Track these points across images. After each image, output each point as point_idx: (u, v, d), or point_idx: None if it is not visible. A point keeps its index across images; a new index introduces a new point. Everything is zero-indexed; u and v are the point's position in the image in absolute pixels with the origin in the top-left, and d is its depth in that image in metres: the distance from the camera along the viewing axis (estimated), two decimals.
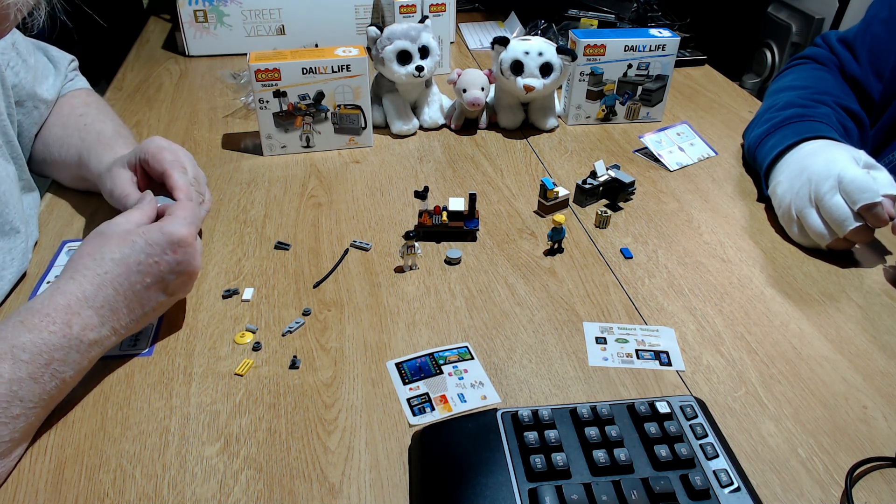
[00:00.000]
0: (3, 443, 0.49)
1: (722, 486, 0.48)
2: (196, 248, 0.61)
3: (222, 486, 0.50)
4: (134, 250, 0.57)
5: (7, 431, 0.49)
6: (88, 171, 0.79)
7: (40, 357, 0.51)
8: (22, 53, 0.80)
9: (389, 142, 1.02)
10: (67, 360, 0.52)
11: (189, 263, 0.60)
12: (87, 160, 0.79)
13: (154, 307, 0.59)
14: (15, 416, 0.49)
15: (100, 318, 0.54)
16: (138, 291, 0.57)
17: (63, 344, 0.52)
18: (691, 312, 0.69)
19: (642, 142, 0.98)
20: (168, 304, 0.62)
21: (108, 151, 0.78)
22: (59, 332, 0.52)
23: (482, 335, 0.65)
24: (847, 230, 0.72)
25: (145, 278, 0.57)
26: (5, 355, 0.49)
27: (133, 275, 0.56)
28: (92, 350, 0.54)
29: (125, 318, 0.57)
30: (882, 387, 0.60)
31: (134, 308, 0.57)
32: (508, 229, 0.81)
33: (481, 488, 0.48)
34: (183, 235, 0.59)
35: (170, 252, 0.58)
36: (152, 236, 0.58)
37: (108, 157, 0.77)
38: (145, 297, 0.58)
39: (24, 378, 0.50)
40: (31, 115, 0.82)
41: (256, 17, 1.30)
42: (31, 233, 0.74)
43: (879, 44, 0.95)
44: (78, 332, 0.53)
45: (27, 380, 0.50)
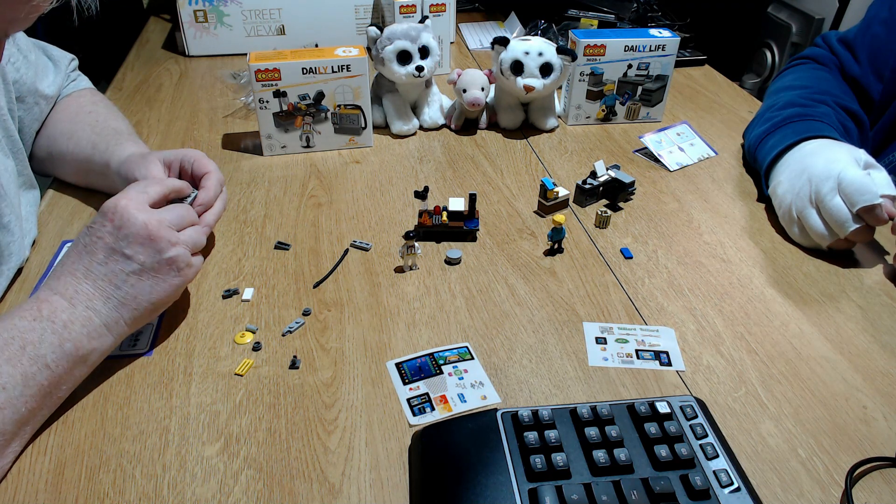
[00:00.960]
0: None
1: (722, 486, 0.48)
2: (132, 208, 0.57)
3: (222, 486, 0.50)
4: (79, 237, 0.57)
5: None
6: (103, 160, 0.79)
7: (14, 341, 0.50)
8: (23, 49, 0.80)
9: (389, 142, 1.02)
10: (43, 341, 0.51)
11: (130, 224, 0.56)
12: (104, 149, 0.79)
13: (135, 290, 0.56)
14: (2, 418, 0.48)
15: (68, 300, 0.54)
16: (97, 270, 0.55)
17: (34, 326, 0.52)
18: (691, 312, 0.69)
19: (642, 142, 0.98)
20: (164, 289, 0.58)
21: (129, 145, 0.80)
22: (28, 316, 0.52)
23: (482, 335, 0.65)
24: (848, 231, 0.72)
25: (97, 254, 0.56)
26: None
27: (84, 256, 0.56)
28: (69, 330, 0.53)
29: (98, 300, 0.55)
30: (882, 387, 0.60)
31: (104, 288, 0.55)
32: (508, 229, 0.81)
33: (481, 488, 0.48)
34: (111, 203, 0.57)
35: (107, 223, 0.56)
36: (96, 216, 0.58)
37: (128, 149, 0.78)
38: (110, 274, 0.56)
39: (2, 363, 0.49)
40: (31, 111, 0.82)
41: (256, 17, 1.30)
42: (29, 229, 0.74)
43: (879, 44, 0.95)
44: (48, 314, 0.53)
45: (4, 365, 0.49)
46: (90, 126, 0.84)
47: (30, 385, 0.50)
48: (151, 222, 0.57)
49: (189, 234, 0.61)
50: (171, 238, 0.58)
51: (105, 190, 0.84)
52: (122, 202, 0.57)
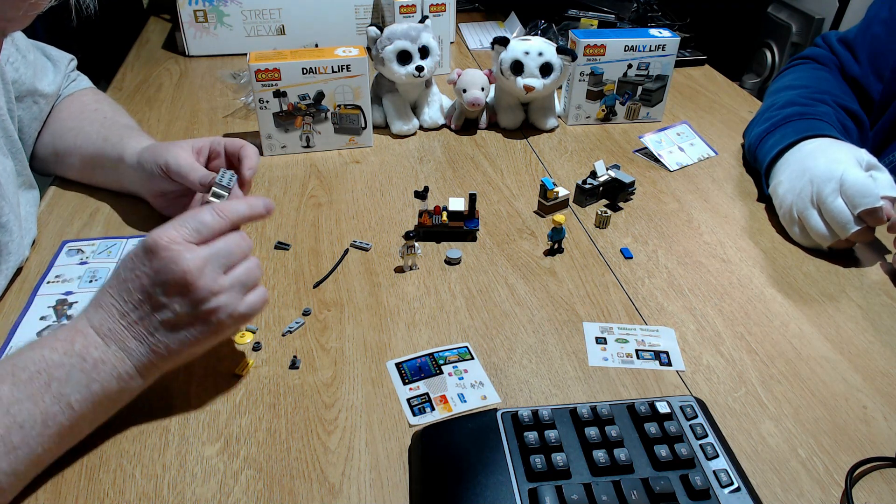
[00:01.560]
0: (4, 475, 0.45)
1: (722, 486, 0.48)
2: (173, 251, 0.50)
3: (222, 486, 0.50)
4: (122, 264, 0.52)
5: (7, 463, 0.45)
6: (115, 153, 0.79)
7: (40, 376, 0.47)
8: (21, 50, 0.80)
9: (389, 142, 1.02)
10: (70, 379, 0.47)
11: (168, 270, 0.50)
12: (115, 145, 0.80)
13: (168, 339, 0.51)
14: (15, 446, 0.45)
15: (102, 338, 0.50)
16: (133, 313, 0.50)
17: (64, 361, 0.48)
18: (691, 312, 0.69)
19: (642, 142, 0.98)
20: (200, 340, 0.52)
21: (141, 139, 0.80)
22: (60, 348, 0.48)
23: (482, 335, 0.65)
24: (849, 233, 0.72)
25: (135, 294, 0.50)
26: (6, 376, 0.46)
27: (123, 291, 0.51)
28: (99, 371, 0.49)
29: (132, 342, 0.50)
30: (882, 387, 0.60)
31: (138, 331, 0.50)
32: (508, 229, 0.81)
33: (481, 488, 0.48)
34: (153, 241, 0.50)
35: (146, 261, 0.50)
36: (136, 248, 0.52)
37: (142, 142, 0.79)
38: (144, 318, 0.51)
39: (23, 399, 0.46)
40: (30, 111, 0.82)
41: (256, 17, 1.30)
42: (28, 229, 0.74)
43: (879, 44, 0.95)
44: (80, 349, 0.49)
45: (26, 401, 0.46)
46: (98, 122, 0.84)
47: (49, 425, 0.47)
48: (191, 271, 0.50)
49: (238, 275, 0.53)
50: (213, 287, 0.51)
51: (113, 185, 0.84)
52: (164, 241, 0.50)
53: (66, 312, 0.66)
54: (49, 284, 0.70)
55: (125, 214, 0.82)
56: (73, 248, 0.75)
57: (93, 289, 0.69)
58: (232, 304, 0.52)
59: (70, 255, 0.74)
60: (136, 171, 0.77)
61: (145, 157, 0.76)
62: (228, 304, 0.52)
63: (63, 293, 0.69)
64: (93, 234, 0.78)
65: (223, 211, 0.54)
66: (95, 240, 0.77)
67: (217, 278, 0.52)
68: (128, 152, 0.78)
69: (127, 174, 0.79)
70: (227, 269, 0.53)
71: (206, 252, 0.52)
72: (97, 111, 0.87)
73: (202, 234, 0.52)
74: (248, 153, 0.74)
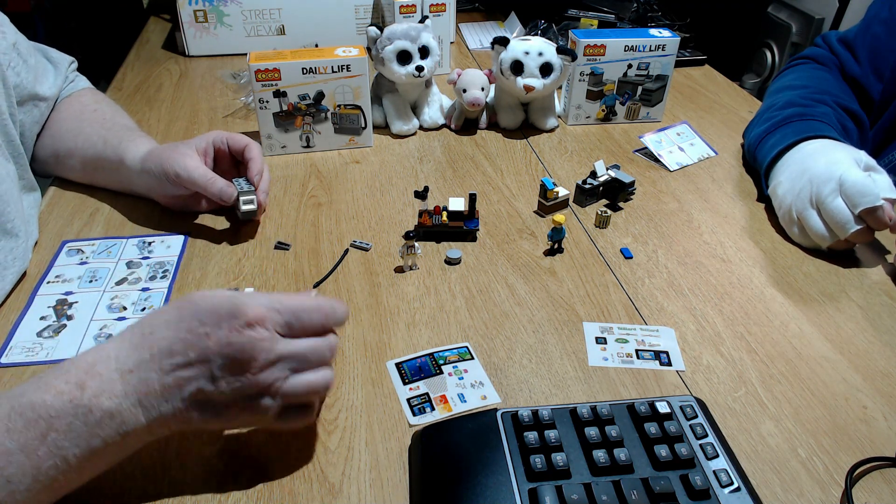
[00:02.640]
0: None
1: (722, 486, 0.48)
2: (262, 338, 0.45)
3: (222, 486, 0.50)
4: (190, 312, 0.46)
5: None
6: (116, 155, 0.79)
7: (38, 424, 0.42)
8: (23, 54, 0.80)
9: (389, 142, 1.02)
10: (70, 431, 0.42)
11: (240, 348, 0.45)
12: (116, 145, 0.80)
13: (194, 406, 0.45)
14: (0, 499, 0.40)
15: (123, 386, 0.44)
16: (177, 366, 0.45)
17: (67, 410, 0.42)
18: (691, 312, 0.69)
19: (642, 142, 0.98)
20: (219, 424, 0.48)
21: (142, 140, 0.80)
22: (67, 392, 0.43)
23: (482, 335, 0.65)
24: (848, 233, 0.72)
25: (188, 351, 0.45)
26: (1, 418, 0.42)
27: (177, 342, 0.45)
28: (104, 426, 0.43)
29: (156, 397, 0.44)
30: (882, 387, 0.60)
31: (169, 389, 0.45)
32: (508, 229, 0.81)
33: (481, 488, 0.48)
34: (242, 309, 0.45)
35: (224, 326, 0.45)
36: (219, 302, 0.46)
37: (142, 145, 0.79)
38: (184, 377, 0.45)
39: (15, 451, 0.41)
40: (31, 114, 0.82)
41: (256, 17, 1.30)
42: (31, 232, 0.74)
43: (879, 44, 0.95)
44: (89, 398, 0.43)
45: (18, 453, 0.41)
46: (98, 123, 0.84)
47: (39, 479, 0.42)
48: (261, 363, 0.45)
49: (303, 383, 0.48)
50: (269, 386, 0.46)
51: (115, 186, 0.84)
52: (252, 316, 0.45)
53: (66, 312, 0.66)
54: (49, 284, 0.70)
55: (125, 214, 0.82)
56: (73, 249, 0.76)
57: (93, 288, 0.69)
58: (270, 409, 0.47)
59: (70, 256, 0.74)
60: (141, 176, 0.77)
61: (150, 164, 0.76)
62: (267, 408, 0.47)
63: (63, 293, 0.69)
64: (93, 234, 0.78)
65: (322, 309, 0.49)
66: (95, 240, 0.77)
67: (277, 380, 0.46)
68: (129, 156, 0.78)
69: (130, 177, 0.80)
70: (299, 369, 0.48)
71: (285, 350, 0.47)
72: (96, 112, 0.87)
73: (293, 329, 0.48)
74: (253, 155, 0.77)
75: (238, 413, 0.47)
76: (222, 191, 0.74)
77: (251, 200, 0.76)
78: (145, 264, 0.73)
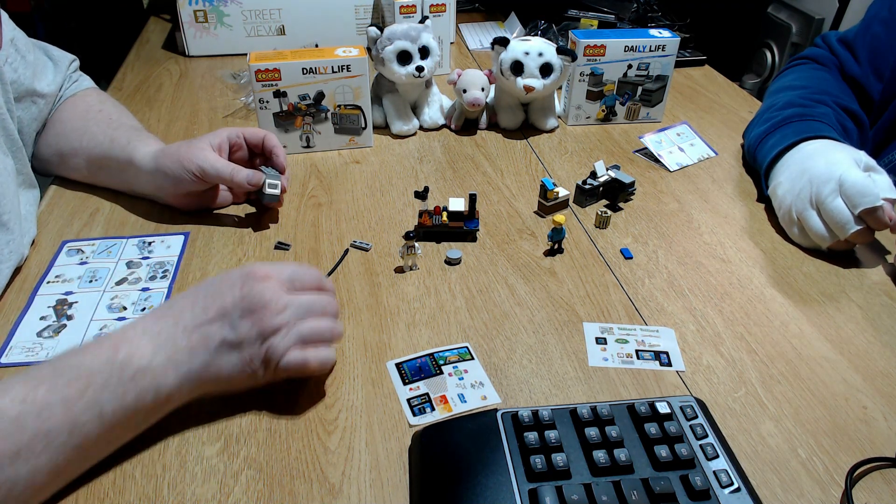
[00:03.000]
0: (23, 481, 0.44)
1: (722, 487, 0.48)
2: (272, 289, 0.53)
3: (222, 486, 0.50)
4: (206, 283, 0.54)
5: (26, 469, 0.44)
6: (124, 154, 0.79)
7: (78, 381, 0.46)
8: (21, 50, 0.80)
9: (389, 142, 1.02)
10: (106, 387, 0.47)
11: (254, 296, 0.52)
12: (124, 147, 0.80)
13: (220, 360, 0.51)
14: (37, 453, 0.44)
15: (153, 348, 0.49)
16: (200, 324, 0.51)
17: (104, 368, 0.47)
18: (691, 313, 0.69)
19: (642, 142, 0.98)
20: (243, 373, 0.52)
21: (151, 140, 0.81)
22: (103, 354, 0.48)
23: (482, 335, 0.65)
24: (848, 233, 0.72)
25: (208, 310, 0.52)
26: (45, 378, 0.46)
27: (197, 307, 0.52)
28: (137, 382, 0.48)
29: (184, 353, 0.50)
30: (882, 387, 0.60)
31: (195, 344, 0.51)
32: (508, 229, 0.81)
33: (481, 488, 0.48)
34: (251, 270, 0.54)
35: (238, 286, 0.53)
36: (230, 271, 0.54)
37: (152, 144, 0.79)
38: (208, 332, 0.51)
39: (55, 404, 0.45)
40: (29, 111, 0.82)
41: (256, 17, 1.30)
42: (27, 229, 0.74)
43: (879, 44, 0.95)
44: (123, 357, 0.48)
45: (58, 406, 0.45)
46: (105, 123, 0.84)
47: (75, 434, 0.46)
48: (272, 305, 0.52)
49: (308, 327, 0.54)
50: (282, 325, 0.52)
51: (120, 187, 0.84)
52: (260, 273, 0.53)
53: (66, 312, 0.66)
54: (49, 284, 0.70)
55: (125, 214, 0.82)
56: (73, 248, 0.76)
57: (93, 288, 0.69)
58: (286, 346, 0.52)
59: (70, 255, 0.74)
60: (153, 175, 0.77)
61: (167, 162, 0.76)
62: (284, 347, 0.52)
63: (63, 293, 0.69)
64: (93, 234, 0.78)
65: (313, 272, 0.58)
66: (95, 240, 0.77)
67: (289, 322, 0.53)
68: (138, 155, 0.78)
69: (138, 177, 0.79)
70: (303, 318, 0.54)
71: (291, 299, 0.54)
72: (101, 112, 0.87)
73: (294, 286, 0.55)
74: (274, 143, 0.80)
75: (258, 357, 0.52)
76: (250, 177, 0.76)
77: (276, 185, 0.79)
78: (145, 264, 0.73)
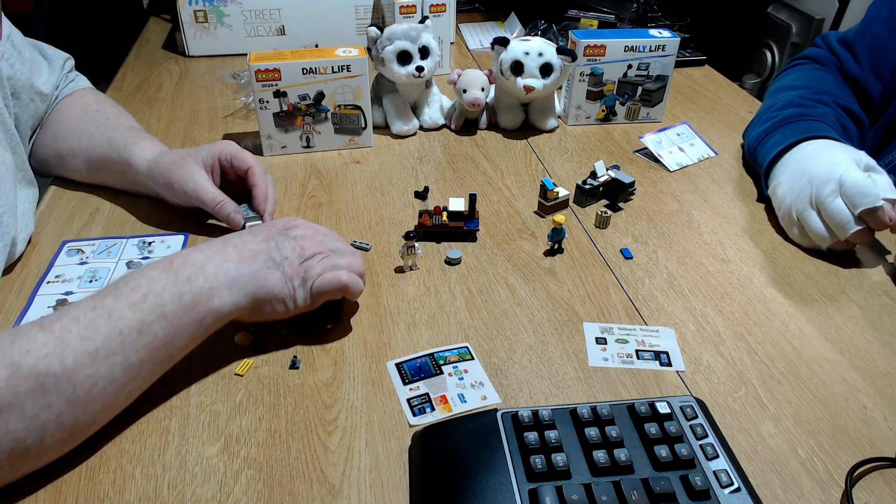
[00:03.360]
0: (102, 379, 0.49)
1: (722, 487, 0.48)
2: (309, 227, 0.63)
3: (222, 486, 0.50)
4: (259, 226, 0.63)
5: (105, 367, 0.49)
6: (121, 157, 0.79)
7: (140, 288, 0.52)
8: (17, 46, 0.80)
9: (389, 142, 1.02)
10: (165, 290, 0.53)
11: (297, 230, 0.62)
12: (122, 149, 0.80)
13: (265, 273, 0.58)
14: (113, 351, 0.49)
15: (204, 255, 0.56)
16: (248, 242, 0.59)
17: (161, 276, 0.53)
18: (691, 313, 0.69)
19: (642, 142, 0.98)
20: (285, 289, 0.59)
21: (148, 143, 0.80)
22: (159, 266, 0.54)
23: (482, 335, 0.65)
24: (848, 234, 0.72)
25: (256, 235, 0.60)
26: (111, 290, 0.52)
27: (244, 233, 0.61)
28: (191, 283, 0.54)
29: (233, 262, 0.57)
30: (882, 387, 0.60)
31: (245, 256, 0.58)
32: (508, 229, 0.81)
33: (481, 488, 0.48)
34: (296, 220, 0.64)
35: (281, 223, 0.63)
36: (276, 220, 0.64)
37: (148, 147, 0.79)
38: (256, 249, 0.59)
39: (124, 308, 0.50)
40: (27, 108, 0.82)
41: (256, 17, 1.30)
42: (25, 225, 0.74)
43: (879, 44, 0.95)
44: (178, 265, 0.55)
45: (126, 309, 0.50)
46: (103, 124, 0.84)
47: (145, 333, 0.51)
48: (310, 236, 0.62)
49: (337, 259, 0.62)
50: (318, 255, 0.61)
51: (121, 186, 0.84)
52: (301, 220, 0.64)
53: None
54: (49, 284, 0.70)
55: (125, 214, 0.82)
56: (73, 248, 0.76)
57: (93, 289, 0.69)
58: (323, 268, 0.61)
59: (70, 255, 0.74)
60: (148, 181, 0.78)
61: (158, 177, 0.76)
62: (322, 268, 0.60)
63: (63, 293, 0.69)
64: (93, 234, 0.78)
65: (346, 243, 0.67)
66: (95, 240, 0.77)
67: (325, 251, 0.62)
68: (135, 159, 0.78)
69: (137, 180, 0.80)
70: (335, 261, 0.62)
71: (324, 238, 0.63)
72: (99, 112, 0.86)
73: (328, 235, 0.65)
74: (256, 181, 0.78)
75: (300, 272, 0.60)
76: (230, 218, 0.76)
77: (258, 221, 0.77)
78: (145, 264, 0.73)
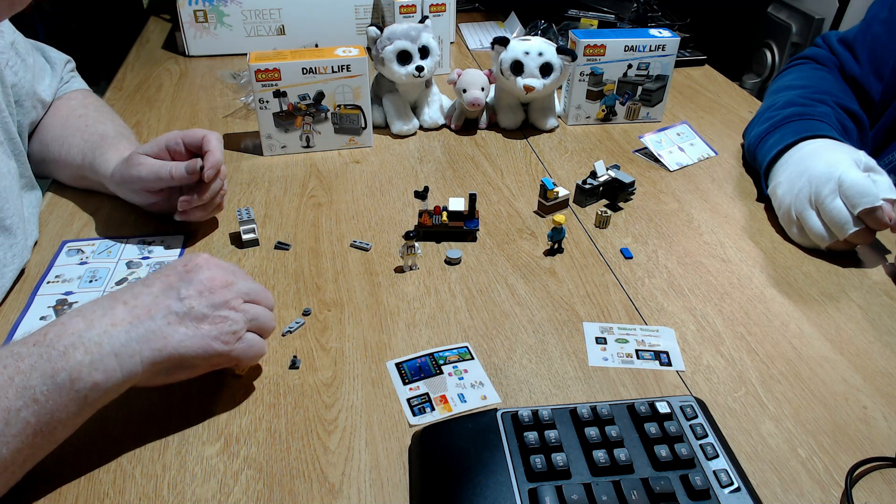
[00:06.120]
0: None
1: (722, 487, 0.48)
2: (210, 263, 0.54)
3: (222, 486, 0.50)
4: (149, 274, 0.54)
5: None
6: (93, 171, 0.79)
7: (6, 370, 0.44)
8: (21, 53, 0.80)
9: (389, 142, 1.02)
10: (34, 370, 0.45)
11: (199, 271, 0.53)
12: (92, 160, 0.79)
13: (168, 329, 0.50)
14: None
15: (86, 322, 0.48)
16: (142, 298, 0.51)
17: (31, 351, 0.45)
18: (691, 312, 0.69)
19: (642, 142, 0.98)
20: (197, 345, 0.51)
21: (113, 152, 0.79)
22: (31, 339, 0.46)
23: (482, 335, 0.65)
24: (847, 234, 0.72)
25: (153, 286, 0.52)
26: None
27: (138, 286, 0.52)
28: (67, 358, 0.46)
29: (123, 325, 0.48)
30: (882, 387, 0.60)
31: (137, 315, 0.49)
32: (508, 229, 0.81)
33: (481, 488, 0.48)
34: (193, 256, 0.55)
35: (179, 266, 0.54)
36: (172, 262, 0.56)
37: (113, 157, 0.78)
38: (153, 304, 0.50)
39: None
40: (29, 115, 0.82)
41: (256, 17, 1.30)
42: (30, 231, 0.74)
43: (879, 44, 0.95)
44: (52, 338, 0.46)
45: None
46: (80, 132, 0.83)
47: (12, 423, 0.43)
48: (219, 279, 0.53)
49: (255, 310, 0.55)
50: (233, 303, 0.53)
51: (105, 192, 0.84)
52: (202, 258, 0.55)
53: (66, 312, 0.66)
54: (49, 284, 0.70)
55: (125, 214, 0.82)
56: (73, 248, 0.76)
57: (93, 288, 0.69)
58: (240, 329, 0.53)
59: (70, 256, 0.74)
60: (120, 188, 0.77)
61: (117, 186, 0.77)
62: (237, 325, 0.53)
63: (63, 293, 0.69)
64: (93, 235, 0.78)
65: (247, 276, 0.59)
66: (95, 240, 0.77)
67: (238, 300, 0.54)
68: (102, 171, 0.78)
69: (113, 188, 0.79)
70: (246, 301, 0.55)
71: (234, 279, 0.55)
72: (80, 118, 0.85)
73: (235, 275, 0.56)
74: (211, 147, 0.72)
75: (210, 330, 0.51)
76: (172, 170, 0.71)
77: (252, 230, 0.76)
78: (145, 264, 0.73)
